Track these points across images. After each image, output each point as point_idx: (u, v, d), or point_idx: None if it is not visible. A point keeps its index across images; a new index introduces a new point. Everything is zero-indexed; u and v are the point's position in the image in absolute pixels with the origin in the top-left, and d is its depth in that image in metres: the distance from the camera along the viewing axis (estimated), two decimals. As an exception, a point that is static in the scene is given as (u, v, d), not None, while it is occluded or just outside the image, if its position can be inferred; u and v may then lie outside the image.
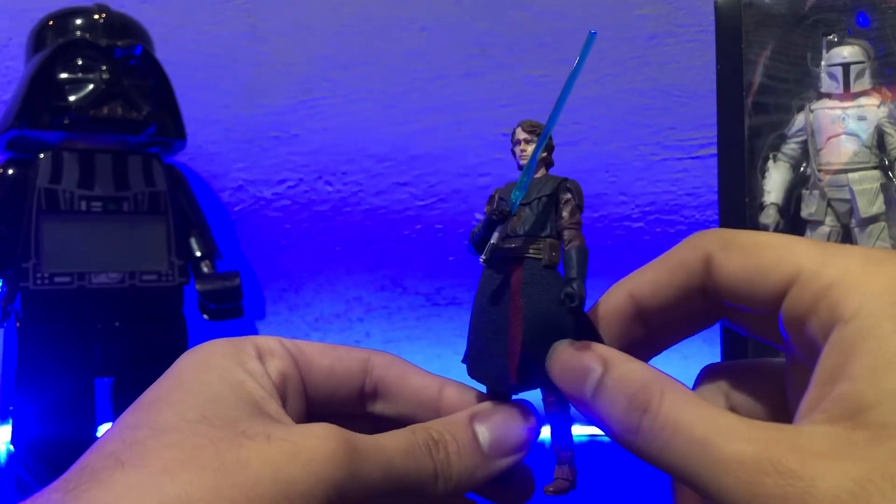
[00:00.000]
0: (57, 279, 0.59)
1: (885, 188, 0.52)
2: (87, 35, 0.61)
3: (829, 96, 0.54)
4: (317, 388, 0.27)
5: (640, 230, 0.77)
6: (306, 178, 0.77)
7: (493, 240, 0.27)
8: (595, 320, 0.27)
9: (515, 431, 0.26)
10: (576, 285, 0.25)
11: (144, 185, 0.62)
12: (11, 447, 0.58)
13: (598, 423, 0.24)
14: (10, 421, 0.58)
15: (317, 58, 0.77)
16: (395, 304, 0.78)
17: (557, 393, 0.26)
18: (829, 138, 0.53)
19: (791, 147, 0.54)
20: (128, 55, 0.61)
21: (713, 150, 0.56)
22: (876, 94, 0.53)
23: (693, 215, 0.77)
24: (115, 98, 0.60)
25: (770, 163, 0.54)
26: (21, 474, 0.57)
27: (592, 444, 0.62)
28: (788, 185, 0.54)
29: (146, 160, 0.63)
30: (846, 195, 0.53)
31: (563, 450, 0.27)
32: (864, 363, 0.20)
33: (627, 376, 0.23)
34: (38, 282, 0.58)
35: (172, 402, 0.23)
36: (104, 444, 0.22)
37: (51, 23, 0.63)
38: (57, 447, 0.57)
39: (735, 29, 0.54)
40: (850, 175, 0.53)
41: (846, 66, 0.53)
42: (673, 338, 0.28)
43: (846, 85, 0.53)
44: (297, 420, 0.24)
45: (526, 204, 0.27)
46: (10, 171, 0.60)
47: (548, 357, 0.26)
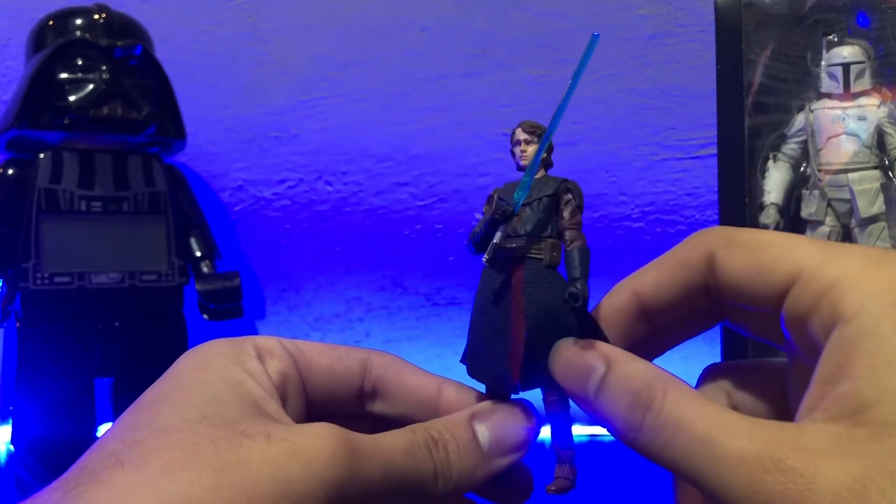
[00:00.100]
0: (57, 279, 0.59)
1: (885, 188, 0.52)
2: (87, 35, 0.61)
3: (829, 96, 0.54)
4: (316, 388, 0.27)
5: (640, 230, 0.77)
6: (306, 178, 0.77)
7: (496, 239, 0.27)
8: (598, 319, 0.27)
9: (515, 431, 0.26)
10: (579, 285, 0.25)
11: (144, 185, 0.62)
12: (11, 447, 0.58)
13: (601, 421, 0.24)
14: (10, 421, 0.58)
15: (317, 58, 0.77)
16: (395, 304, 0.78)
17: (559, 392, 0.26)
18: (829, 138, 0.53)
19: (791, 147, 0.54)
20: (128, 55, 0.61)
21: (713, 150, 0.56)
22: (876, 94, 0.53)
23: (693, 215, 0.77)
24: (115, 98, 0.60)
25: (770, 163, 0.54)
26: (21, 474, 0.57)
27: (593, 444, 0.62)
28: (788, 185, 0.54)
29: (146, 160, 0.63)
30: (846, 195, 0.53)
31: (564, 449, 0.27)
32: (865, 362, 0.20)
33: (630, 374, 0.23)
34: (38, 282, 0.58)
35: (172, 402, 0.23)
36: (104, 444, 0.22)
37: (51, 23, 0.63)
38: (57, 447, 0.57)
39: (735, 29, 0.54)
40: (850, 175, 0.53)
41: (846, 66, 0.53)
42: (676, 338, 0.28)
43: (846, 85, 0.53)
44: (297, 420, 0.24)
45: (527, 204, 0.27)
46: (10, 171, 0.60)
47: (550, 355, 0.26)
